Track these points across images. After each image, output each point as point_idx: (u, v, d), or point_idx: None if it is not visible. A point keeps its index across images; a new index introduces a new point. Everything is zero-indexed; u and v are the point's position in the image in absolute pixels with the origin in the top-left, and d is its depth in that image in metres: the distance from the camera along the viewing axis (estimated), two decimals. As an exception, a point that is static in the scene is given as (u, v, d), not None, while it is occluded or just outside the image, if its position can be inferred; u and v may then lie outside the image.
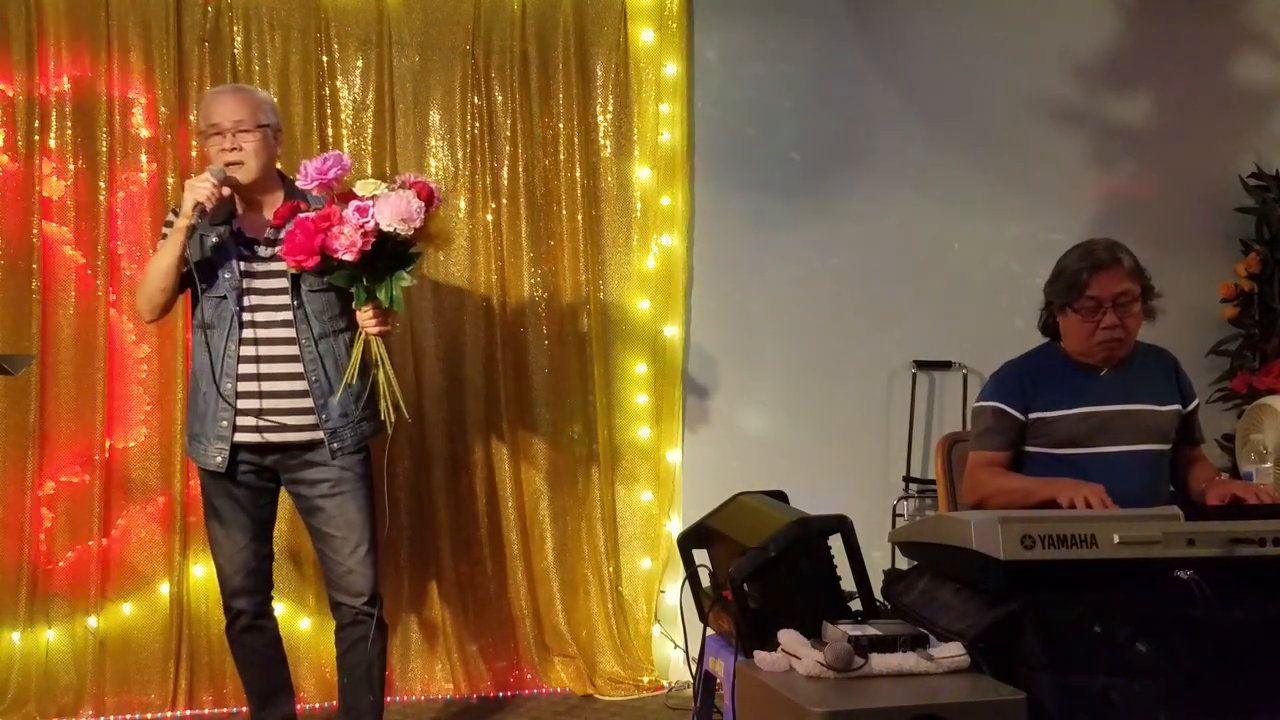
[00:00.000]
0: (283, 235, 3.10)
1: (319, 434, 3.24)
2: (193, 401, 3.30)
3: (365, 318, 3.14)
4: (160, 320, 3.37)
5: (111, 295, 4.06)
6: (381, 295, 3.08)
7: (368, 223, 2.95)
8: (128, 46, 4.08)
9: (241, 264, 3.21)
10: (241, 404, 3.20)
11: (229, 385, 3.19)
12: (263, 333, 3.22)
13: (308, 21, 4.20)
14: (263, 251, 3.23)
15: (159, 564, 4.10)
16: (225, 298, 3.20)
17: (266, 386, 3.21)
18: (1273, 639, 2.45)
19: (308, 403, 3.23)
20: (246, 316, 3.21)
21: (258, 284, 3.23)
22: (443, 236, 3.31)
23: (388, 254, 3.05)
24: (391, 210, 2.96)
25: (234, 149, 3.19)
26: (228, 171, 3.17)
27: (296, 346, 3.22)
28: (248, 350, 3.21)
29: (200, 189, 3.09)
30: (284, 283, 3.22)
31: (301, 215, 3.03)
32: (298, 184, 3.09)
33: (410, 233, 3.00)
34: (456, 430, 4.32)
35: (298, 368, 3.22)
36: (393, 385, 3.18)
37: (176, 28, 4.08)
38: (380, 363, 3.17)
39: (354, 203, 2.98)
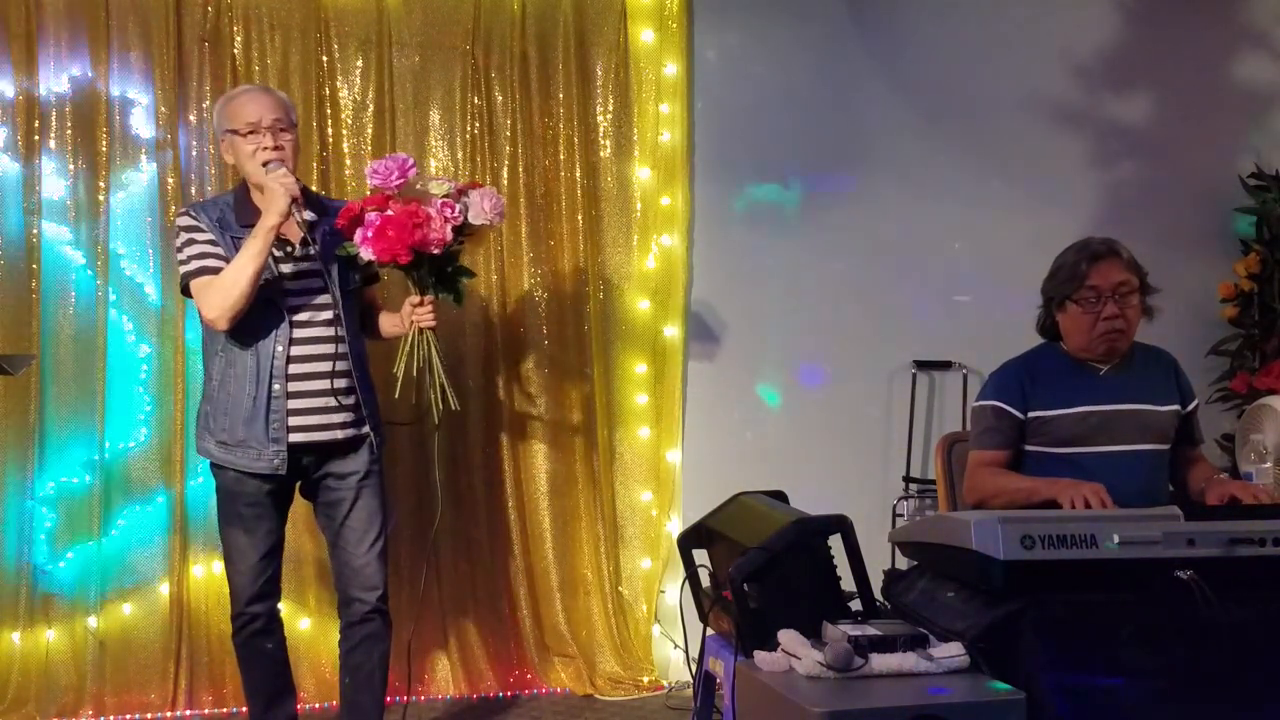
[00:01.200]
0: (321, 230, 3.19)
1: (363, 429, 3.29)
2: (230, 408, 3.22)
3: (423, 312, 3.22)
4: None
5: (111, 295, 4.06)
6: (450, 290, 3.23)
7: (456, 218, 3.10)
8: (128, 46, 4.08)
9: (279, 266, 3.21)
10: (293, 404, 3.20)
11: (280, 386, 3.19)
12: (307, 332, 3.22)
13: (308, 21, 4.20)
14: (297, 253, 3.23)
15: (159, 564, 4.10)
16: (270, 301, 3.19)
17: (317, 385, 3.22)
18: (1273, 639, 2.45)
19: (351, 399, 3.26)
20: (292, 318, 3.21)
21: (295, 284, 3.23)
22: (483, 235, 3.42)
23: (451, 250, 3.19)
24: (490, 205, 3.17)
25: (277, 147, 3.18)
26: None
27: (343, 345, 3.24)
28: (295, 350, 3.21)
29: (290, 184, 3.10)
30: (320, 282, 3.23)
31: (377, 213, 3.08)
32: (372, 183, 3.18)
33: (499, 224, 3.23)
34: (456, 430, 4.31)
35: (344, 365, 3.24)
36: (443, 377, 3.28)
37: (176, 28, 4.08)
38: (433, 354, 3.26)
39: (438, 200, 3.12)
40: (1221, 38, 4.96)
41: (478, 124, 4.32)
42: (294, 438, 3.21)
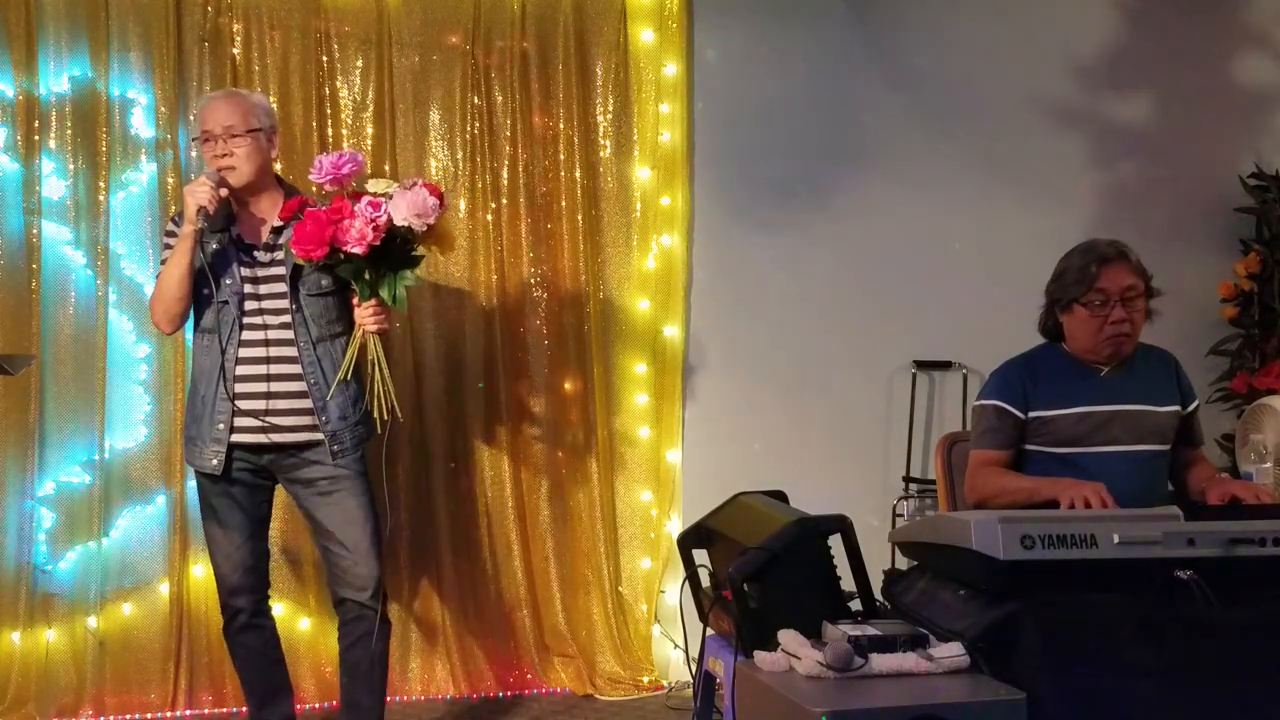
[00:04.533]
0: (289, 233, 3.14)
1: (318, 435, 3.26)
2: (190, 405, 3.32)
3: (365, 314, 3.17)
4: (179, 329, 3.36)
5: (112, 295, 4.06)
6: (384, 293, 3.12)
7: (379, 217, 3.01)
8: (128, 46, 4.08)
9: (242, 269, 3.23)
10: (239, 405, 3.20)
11: (226, 388, 3.20)
12: (260, 335, 3.23)
13: (308, 21, 4.20)
14: (261, 256, 3.24)
15: (159, 564, 4.10)
16: (227, 302, 3.21)
17: (264, 388, 3.22)
18: (1273, 639, 2.45)
19: (306, 404, 3.25)
20: (247, 320, 3.22)
21: (258, 288, 3.24)
22: (447, 238, 3.34)
23: (394, 252, 3.10)
24: (408, 205, 3.03)
25: (225, 154, 3.20)
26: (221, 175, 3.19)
27: (295, 349, 3.23)
28: (247, 353, 3.22)
29: (200, 193, 3.11)
30: (283, 286, 3.23)
31: (311, 208, 3.07)
32: (311, 178, 3.15)
33: (423, 229, 3.07)
34: (456, 430, 4.32)
35: (296, 369, 3.24)
36: (388, 385, 3.20)
37: (176, 28, 4.08)
38: (377, 362, 3.20)
39: (366, 197, 3.04)
40: (1221, 38, 4.96)
41: (478, 124, 4.32)
42: (239, 438, 3.23)
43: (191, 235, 3.13)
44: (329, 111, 4.23)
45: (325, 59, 4.23)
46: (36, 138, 4.02)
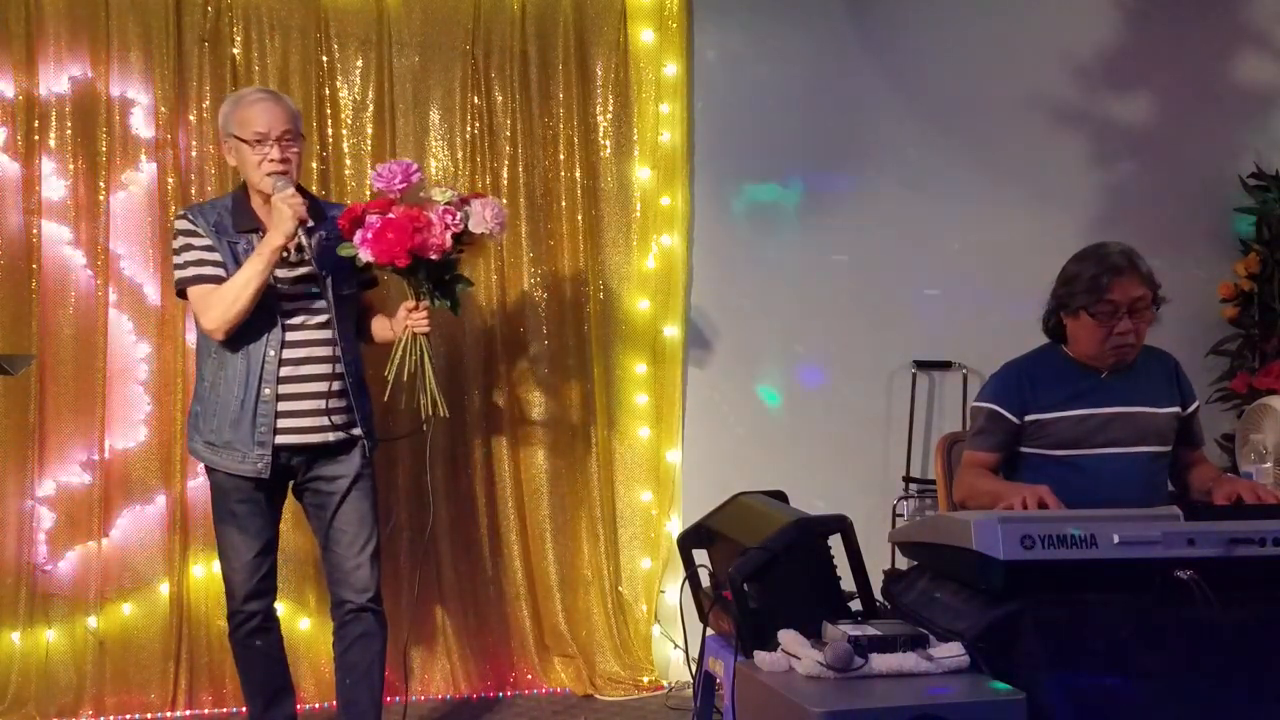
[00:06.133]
0: (322, 234, 3.22)
1: (355, 432, 3.31)
2: (219, 409, 3.25)
3: (419, 318, 3.25)
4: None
5: (112, 295, 4.06)
6: (447, 298, 3.26)
7: (457, 225, 3.14)
8: (128, 46, 4.07)
9: (275, 270, 3.21)
10: (282, 406, 3.21)
11: (270, 390, 3.20)
12: (299, 335, 3.25)
13: (308, 21, 4.20)
14: (291, 257, 3.23)
15: (159, 564, 4.10)
16: (263, 305, 3.19)
17: (308, 388, 3.24)
18: (1273, 639, 2.45)
19: (343, 402, 3.28)
20: (288, 321, 3.23)
21: (290, 289, 3.25)
22: (483, 245, 3.47)
23: (448, 259, 3.23)
24: (492, 214, 3.21)
25: (284, 160, 3.19)
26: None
27: (336, 348, 3.26)
28: (287, 354, 3.22)
29: (297, 204, 3.12)
30: (314, 287, 3.24)
31: (383, 216, 3.13)
32: (375, 185, 3.23)
33: (499, 234, 3.29)
34: (456, 430, 4.32)
35: (337, 368, 3.26)
36: (432, 383, 3.31)
37: (176, 28, 4.08)
38: (429, 359, 3.30)
39: (441, 206, 3.16)
40: (1221, 38, 4.96)
41: (478, 124, 4.32)
42: (283, 439, 3.23)
43: (280, 249, 3.13)
44: (329, 111, 4.23)
45: (325, 59, 4.23)
46: (36, 138, 4.02)
